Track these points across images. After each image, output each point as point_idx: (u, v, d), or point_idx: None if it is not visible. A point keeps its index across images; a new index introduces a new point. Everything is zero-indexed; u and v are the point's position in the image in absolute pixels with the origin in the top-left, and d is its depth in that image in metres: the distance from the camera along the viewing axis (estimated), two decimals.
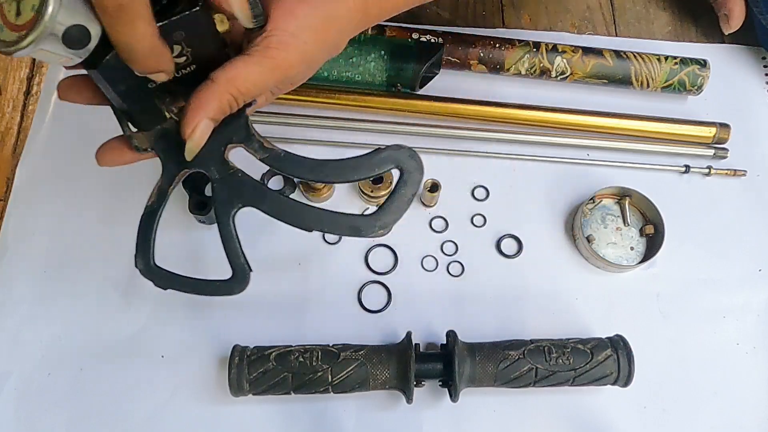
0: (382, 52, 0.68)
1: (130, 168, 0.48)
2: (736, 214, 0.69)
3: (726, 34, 0.75)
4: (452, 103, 0.70)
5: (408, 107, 0.69)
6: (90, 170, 0.65)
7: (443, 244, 0.66)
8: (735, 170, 0.70)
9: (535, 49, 0.71)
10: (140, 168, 0.49)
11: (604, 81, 0.72)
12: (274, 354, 0.55)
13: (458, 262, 0.65)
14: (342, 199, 0.67)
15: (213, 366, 0.59)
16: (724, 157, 0.71)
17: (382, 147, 0.47)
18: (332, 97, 0.69)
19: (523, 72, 0.71)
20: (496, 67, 0.71)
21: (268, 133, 0.63)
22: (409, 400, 0.55)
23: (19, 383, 0.58)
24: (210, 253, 0.63)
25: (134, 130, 0.46)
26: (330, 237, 0.65)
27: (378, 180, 0.65)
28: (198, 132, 0.42)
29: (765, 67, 0.77)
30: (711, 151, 0.71)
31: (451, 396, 0.56)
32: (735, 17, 0.73)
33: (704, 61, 0.71)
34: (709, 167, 0.69)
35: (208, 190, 0.65)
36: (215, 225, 0.64)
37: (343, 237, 0.65)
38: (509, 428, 0.59)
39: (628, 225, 0.67)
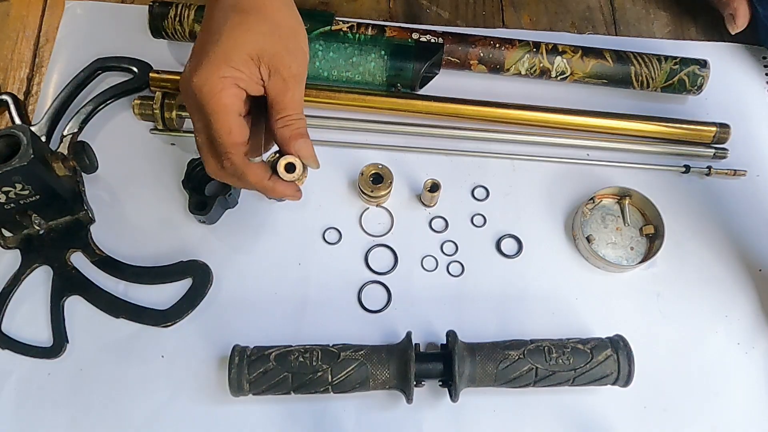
0: (382, 52, 0.68)
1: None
2: (736, 214, 0.69)
3: (732, 34, 0.75)
4: (452, 103, 0.69)
5: (408, 107, 0.69)
6: None
7: (443, 244, 0.66)
8: (735, 170, 0.70)
9: (535, 49, 0.71)
10: None
11: (604, 81, 0.72)
12: (274, 354, 0.55)
13: (458, 262, 0.65)
14: (343, 199, 0.67)
15: (213, 366, 0.59)
16: (724, 157, 0.71)
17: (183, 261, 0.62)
18: (332, 97, 0.69)
19: (523, 72, 0.71)
20: (496, 67, 0.71)
21: None
22: (409, 400, 0.55)
23: (19, 383, 0.58)
24: (210, 252, 0.63)
25: (7, 234, 0.62)
26: (330, 237, 0.65)
27: (378, 180, 0.65)
28: None
29: (765, 66, 0.77)
30: (711, 151, 0.70)
31: (451, 396, 0.56)
32: (741, 16, 0.73)
33: (704, 61, 0.71)
34: (709, 167, 0.69)
35: (208, 190, 0.66)
36: (215, 225, 0.65)
37: (343, 236, 0.65)
38: (509, 428, 0.59)
39: (628, 225, 0.67)
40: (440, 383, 0.58)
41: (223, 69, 0.48)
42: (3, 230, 0.62)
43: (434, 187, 0.64)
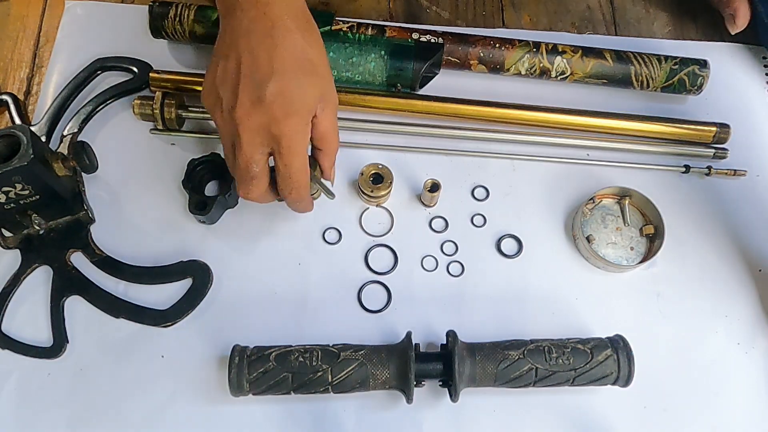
0: (382, 52, 0.68)
1: None
2: (736, 214, 0.69)
3: (732, 34, 0.75)
4: (452, 103, 0.69)
5: (408, 107, 0.69)
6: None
7: (443, 244, 0.66)
8: (735, 170, 0.70)
9: (535, 49, 0.71)
10: None
11: (604, 81, 0.72)
12: (274, 354, 0.55)
13: (458, 262, 0.65)
14: (343, 199, 0.67)
15: (213, 366, 0.59)
16: (724, 157, 0.71)
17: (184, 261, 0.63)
18: None
19: (523, 72, 0.71)
20: (496, 67, 0.71)
21: None
22: (409, 400, 0.55)
23: (19, 383, 0.58)
24: (210, 252, 0.63)
25: (7, 234, 0.62)
26: (330, 237, 0.65)
27: (378, 180, 0.65)
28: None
29: (765, 66, 0.77)
30: (711, 151, 0.71)
31: (451, 396, 0.56)
32: (741, 16, 0.73)
33: (704, 61, 0.71)
34: (709, 167, 0.69)
35: (208, 190, 0.66)
36: (215, 225, 0.65)
37: (343, 236, 0.65)
38: (509, 428, 0.59)
39: (628, 225, 0.67)
40: (440, 383, 0.58)
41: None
42: (3, 230, 0.62)
43: (434, 187, 0.64)
